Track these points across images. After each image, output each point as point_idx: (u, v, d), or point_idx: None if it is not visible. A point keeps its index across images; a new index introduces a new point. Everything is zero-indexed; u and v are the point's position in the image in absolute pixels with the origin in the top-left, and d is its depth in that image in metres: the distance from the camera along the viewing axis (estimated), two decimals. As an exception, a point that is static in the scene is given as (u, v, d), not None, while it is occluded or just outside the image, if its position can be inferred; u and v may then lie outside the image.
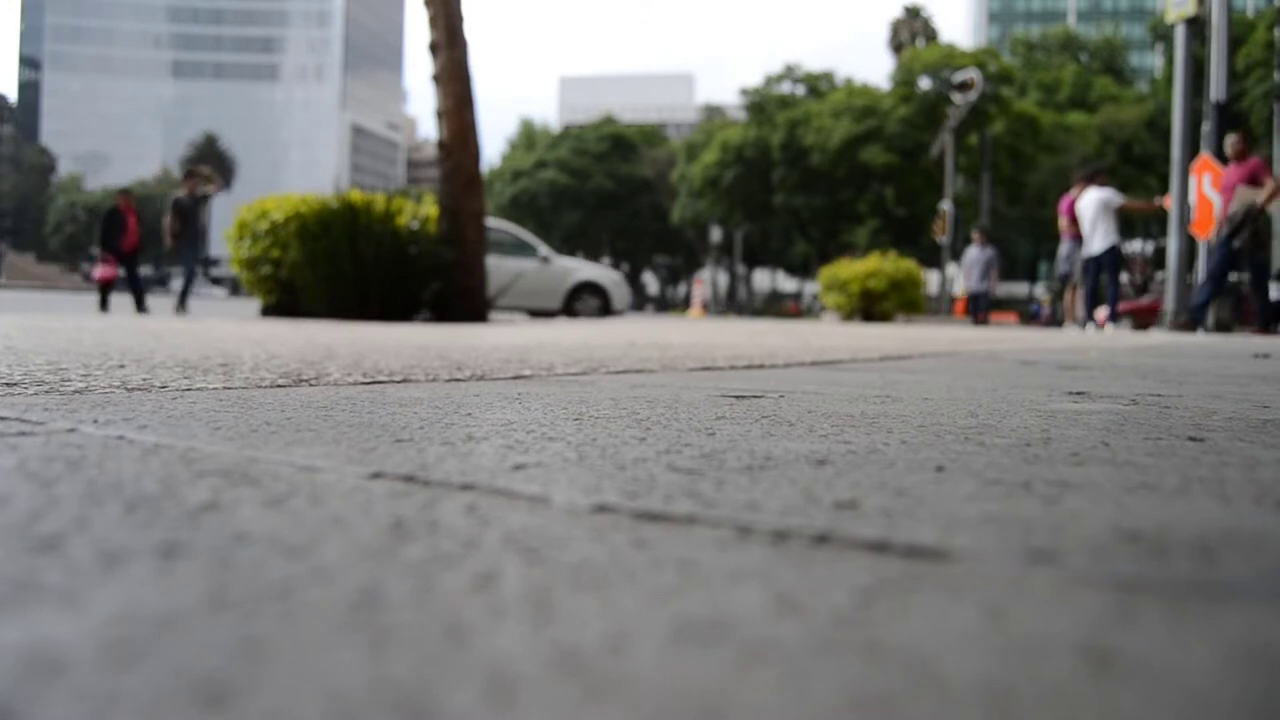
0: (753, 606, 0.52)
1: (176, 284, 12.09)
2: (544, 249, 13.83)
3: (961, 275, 15.47)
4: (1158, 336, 8.46)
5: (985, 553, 0.65)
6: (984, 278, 15.52)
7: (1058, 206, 12.53)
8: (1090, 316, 10.62)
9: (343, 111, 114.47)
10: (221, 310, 10.94)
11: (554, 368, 2.40)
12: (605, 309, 13.54)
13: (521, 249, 13.66)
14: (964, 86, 29.78)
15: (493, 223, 14.01)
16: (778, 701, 0.40)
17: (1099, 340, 6.65)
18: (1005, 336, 7.02)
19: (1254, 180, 9.99)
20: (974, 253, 15.52)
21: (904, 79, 43.98)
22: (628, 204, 54.37)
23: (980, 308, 15.76)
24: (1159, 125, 37.69)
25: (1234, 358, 4.10)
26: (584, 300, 13.60)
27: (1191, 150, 10.84)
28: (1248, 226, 10.01)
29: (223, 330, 4.11)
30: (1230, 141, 10.26)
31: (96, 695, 0.39)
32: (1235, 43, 21.56)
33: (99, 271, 12.64)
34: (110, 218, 11.91)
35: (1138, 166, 40.91)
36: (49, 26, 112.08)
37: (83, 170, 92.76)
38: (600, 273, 14.18)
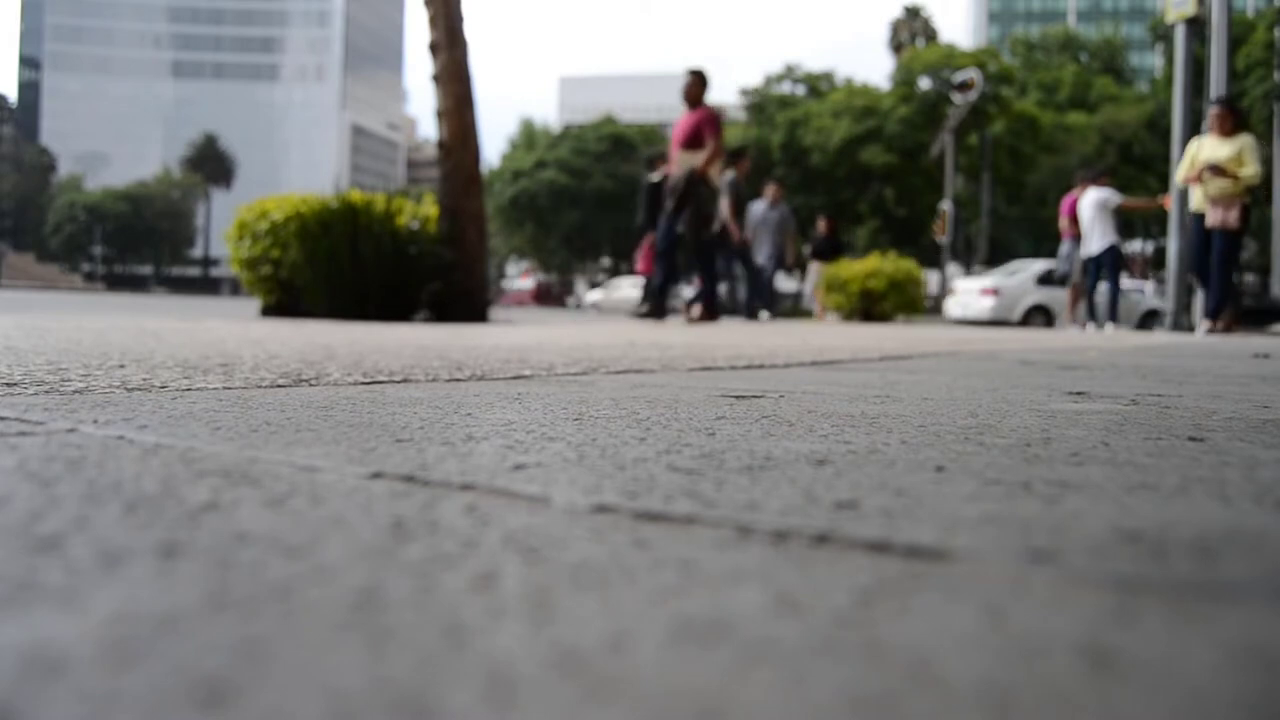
0: (753, 606, 0.52)
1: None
2: None
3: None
4: (1158, 336, 8.46)
5: (985, 553, 0.65)
6: (773, 249, 11.93)
7: (1059, 206, 12.52)
8: (1091, 317, 10.63)
9: (343, 111, 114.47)
10: (224, 310, 10.93)
11: (554, 368, 2.40)
12: (1049, 325, 16.40)
13: None
14: (964, 86, 29.77)
15: None
16: (778, 701, 0.40)
17: (1099, 340, 6.66)
18: (1003, 336, 7.02)
19: (697, 139, 7.93)
20: (760, 209, 12.10)
21: (904, 79, 44.00)
22: (628, 204, 54.30)
23: (759, 295, 11.82)
24: (1159, 125, 37.69)
25: (1234, 358, 4.11)
26: (1033, 319, 16.59)
27: (1191, 150, 10.81)
28: (692, 202, 7.83)
29: (223, 330, 4.11)
30: (685, 85, 8.25)
31: (96, 695, 0.39)
32: (1235, 43, 21.56)
33: (641, 263, 11.00)
34: (654, 192, 10.02)
35: (1138, 166, 40.92)
36: (49, 26, 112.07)
37: (83, 170, 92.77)
38: (1050, 296, 16.80)
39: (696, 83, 8.21)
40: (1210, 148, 8.94)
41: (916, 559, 0.63)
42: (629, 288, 33.44)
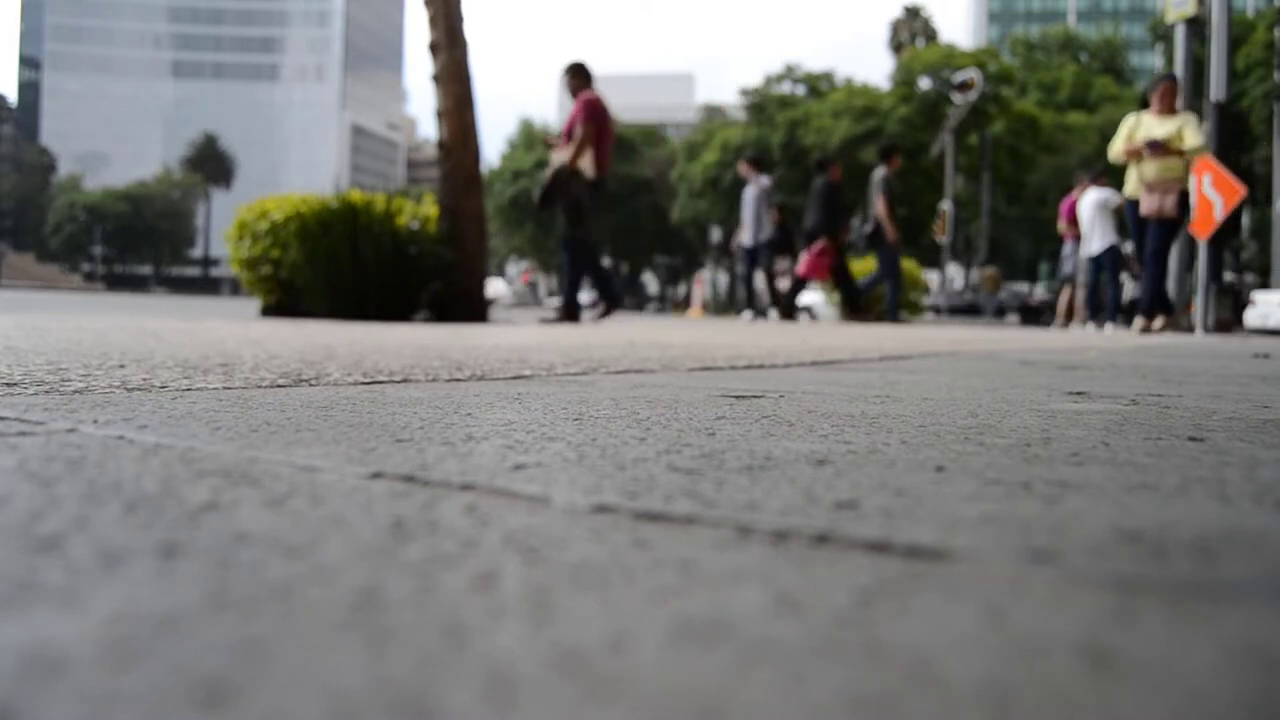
0: (753, 606, 0.52)
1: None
2: None
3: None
4: (1157, 337, 8.45)
5: (985, 553, 0.65)
6: (757, 227, 11.43)
7: (1059, 208, 12.51)
8: (1092, 317, 10.62)
9: (343, 111, 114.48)
10: (224, 310, 10.92)
11: (554, 368, 2.40)
12: None
13: None
14: (964, 86, 29.80)
15: None
16: (778, 701, 0.40)
17: (1099, 340, 6.66)
18: (1002, 336, 7.02)
19: (571, 132, 7.73)
20: (750, 192, 11.59)
21: (904, 79, 44.02)
22: (628, 204, 54.32)
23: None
24: (1159, 125, 37.62)
25: (1234, 358, 4.11)
26: None
27: (1191, 150, 10.80)
28: (561, 198, 7.53)
29: (223, 330, 4.11)
30: (566, 80, 7.92)
31: (96, 695, 0.39)
32: (1235, 43, 21.57)
33: (803, 265, 10.69)
34: (830, 194, 10.08)
35: (1138, 166, 40.85)
36: (49, 26, 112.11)
37: (83, 170, 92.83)
38: None
39: (573, 76, 7.99)
40: (1148, 125, 8.39)
41: (916, 559, 0.63)
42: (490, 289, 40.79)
